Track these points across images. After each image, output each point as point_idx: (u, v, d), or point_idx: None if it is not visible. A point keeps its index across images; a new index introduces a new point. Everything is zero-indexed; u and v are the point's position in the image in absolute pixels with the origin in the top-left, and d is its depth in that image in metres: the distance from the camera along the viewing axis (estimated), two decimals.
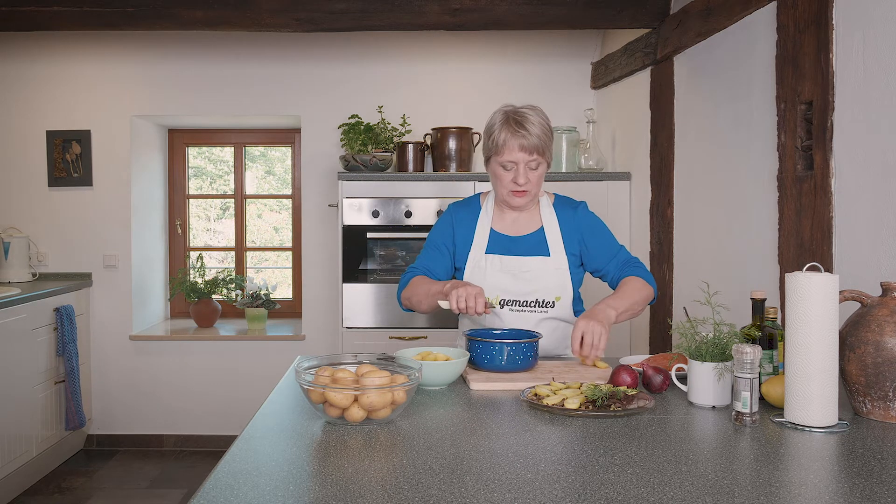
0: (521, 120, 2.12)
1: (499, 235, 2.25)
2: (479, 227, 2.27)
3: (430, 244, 2.31)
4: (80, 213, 4.40)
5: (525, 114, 2.13)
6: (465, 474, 1.23)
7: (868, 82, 2.03)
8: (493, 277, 2.20)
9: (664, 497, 1.13)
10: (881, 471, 1.24)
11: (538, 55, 4.35)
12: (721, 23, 2.78)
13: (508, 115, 2.14)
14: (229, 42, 4.34)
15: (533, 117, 2.13)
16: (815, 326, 1.46)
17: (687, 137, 3.16)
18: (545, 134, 2.13)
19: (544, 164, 2.17)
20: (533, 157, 2.12)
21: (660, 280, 3.41)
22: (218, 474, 1.23)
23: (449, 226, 2.30)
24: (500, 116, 2.15)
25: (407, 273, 2.28)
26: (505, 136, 2.12)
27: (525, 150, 2.10)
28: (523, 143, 2.10)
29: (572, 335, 1.94)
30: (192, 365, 4.41)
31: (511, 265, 2.20)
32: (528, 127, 2.10)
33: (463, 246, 2.28)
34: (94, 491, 3.75)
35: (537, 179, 2.17)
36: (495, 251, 2.23)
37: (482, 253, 2.24)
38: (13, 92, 4.37)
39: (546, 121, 2.16)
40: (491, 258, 2.22)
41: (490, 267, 2.21)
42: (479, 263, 2.23)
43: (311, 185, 4.38)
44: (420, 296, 2.16)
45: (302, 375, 1.54)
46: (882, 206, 1.98)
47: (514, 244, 2.23)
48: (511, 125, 2.11)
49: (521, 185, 2.14)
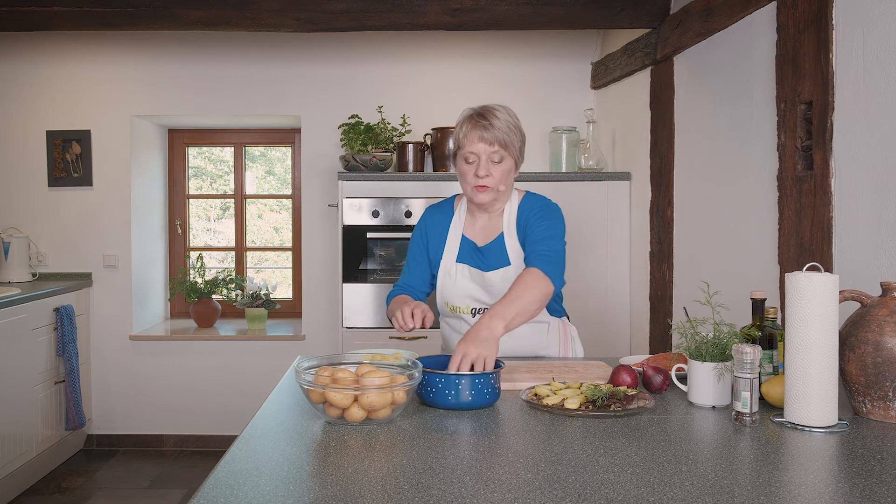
0: (484, 112, 2.09)
1: (468, 242, 2.22)
2: (451, 233, 2.24)
3: (408, 257, 2.30)
4: (80, 213, 4.40)
5: (490, 108, 2.11)
6: (465, 474, 1.23)
7: (868, 82, 2.03)
8: (464, 286, 2.18)
9: (664, 497, 1.13)
10: (881, 471, 1.24)
11: (538, 55, 4.35)
12: (721, 23, 2.78)
13: (474, 109, 2.12)
14: (229, 42, 4.34)
15: (498, 112, 2.09)
16: (815, 326, 1.46)
17: (687, 137, 3.16)
18: (510, 129, 2.09)
19: (510, 160, 2.11)
20: (495, 148, 2.07)
21: (660, 280, 3.41)
22: (218, 474, 1.23)
23: (423, 234, 2.28)
24: (466, 112, 2.13)
25: (391, 291, 2.27)
26: (466, 128, 2.09)
27: (485, 140, 2.06)
28: (483, 133, 2.06)
29: (451, 360, 1.74)
30: (192, 365, 4.41)
31: (477, 277, 2.17)
32: (491, 119, 2.07)
33: (436, 252, 2.25)
34: (94, 491, 3.75)
35: (501, 175, 2.10)
36: (464, 260, 2.20)
37: (453, 261, 2.21)
38: (13, 92, 4.37)
39: (514, 119, 2.12)
40: (460, 267, 2.19)
41: (460, 276, 2.19)
42: (450, 271, 2.20)
43: (311, 185, 4.38)
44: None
45: (302, 375, 1.54)
46: (882, 206, 1.98)
47: (480, 255, 2.20)
48: (473, 118, 2.09)
49: (482, 177, 2.08)
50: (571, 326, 2.37)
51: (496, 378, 1.67)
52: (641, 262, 3.64)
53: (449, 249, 2.22)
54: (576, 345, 2.35)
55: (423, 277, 2.26)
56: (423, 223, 2.29)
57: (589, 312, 3.75)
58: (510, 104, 2.25)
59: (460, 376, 1.63)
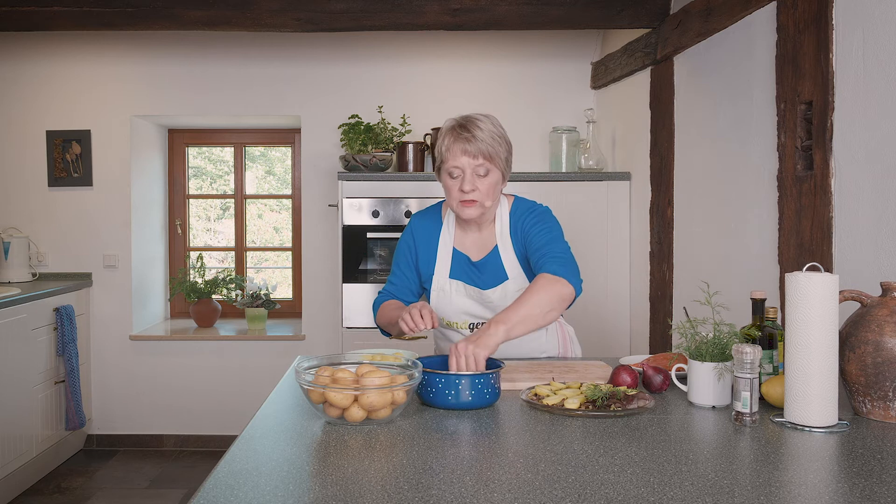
0: (467, 124, 2.00)
1: (461, 256, 2.15)
2: (441, 245, 2.16)
3: (395, 264, 2.21)
4: (80, 213, 4.40)
5: (473, 118, 2.01)
6: (465, 474, 1.23)
7: (868, 82, 2.03)
8: (460, 302, 2.12)
9: (664, 497, 1.13)
10: (881, 471, 1.24)
11: (538, 55, 4.35)
12: (721, 23, 2.78)
13: (456, 121, 2.03)
14: (229, 42, 4.34)
15: (481, 122, 2.00)
16: (815, 326, 1.46)
17: (687, 137, 3.16)
18: (495, 140, 2.00)
19: (496, 173, 2.02)
20: (479, 161, 1.98)
21: (660, 280, 3.41)
22: (218, 474, 1.23)
23: (410, 243, 2.20)
24: (448, 123, 2.05)
25: (378, 297, 2.20)
26: (448, 141, 2.01)
27: (469, 154, 1.97)
28: (466, 147, 1.97)
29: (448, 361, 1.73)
30: (192, 365, 4.41)
31: (475, 294, 2.11)
32: (474, 131, 1.98)
33: (426, 263, 2.17)
34: (94, 491, 3.75)
35: (487, 189, 2.01)
36: (458, 276, 2.13)
37: (446, 277, 2.14)
38: (13, 92, 4.37)
39: (498, 128, 2.03)
40: (455, 284, 2.12)
41: (455, 293, 2.12)
42: (444, 287, 2.13)
43: (311, 185, 4.38)
44: (386, 324, 2.11)
45: (302, 375, 1.54)
46: (882, 206, 1.98)
47: (475, 271, 2.13)
48: (455, 130, 2.01)
49: (467, 192, 1.99)
50: (569, 327, 2.36)
51: (496, 378, 1.67)
52: (641, 261, 3.64)
53: (441, 264, 2.15)
54: (574, 346, 2.34)
55: (411, 287, 2.19)
56: (409, 232, 2.21)
57: (589, 312, 3.75)
58: (510, 104, 2.23)
59: (460, 376, 1.63)
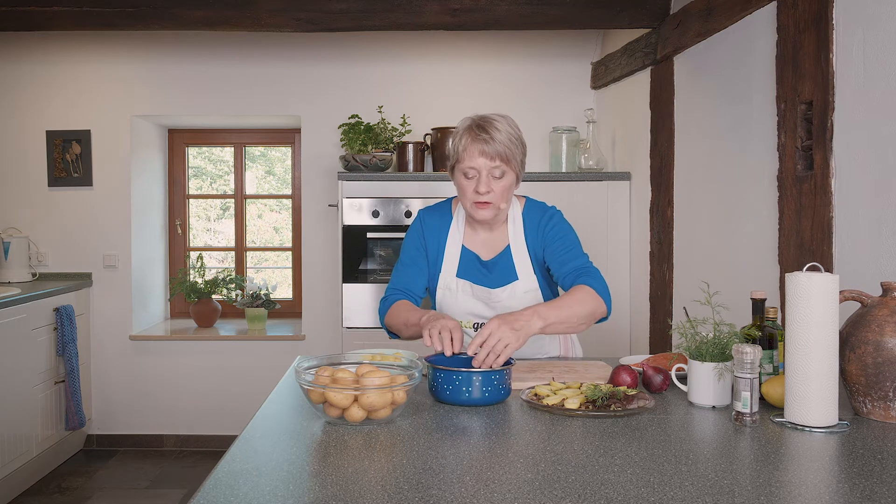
0: (485, 125, 1.98)
1: (470, 255, 2.13)
2: (450, 242, 2.14)
3: (404, 259, 2.16)
4: (80, 213, 4.40)
5: (490, 119, 2.00)
6: (465, 474, 1.23)
7: (868, 82, 2.03)
8: (465, 302, 2.10)
9: (664, 497, 1.13)
10: (881, 471, 1.24)
11: (538, 55, 4.35)
12: (721, 23, 2.78)
13: (473, 120, 2.01)
14: (229, 42, 4.34)
15: (499, 124, 1.99)
16: (815, 326, 1.46)
17: (687, 137, 3.16)
18: (512, 142, 1.99)
19: (511, 175, 2.01)
20: (496, 163, 1.97)
21: (660, 280, 3.41)
22: (218, 474, 1.23)
23: (419, 237, 2.17)
24: (465, 122, 2.03)
25: (386, 296, 2.14)
26: (466, 141, 1.99)
27: (486, 155, 1.96)
28: (484, 148, 1.96)
29: (478, 333, 1.71)
30: (192, 365, 4.41)
31: (481, 294, 2.09)
32: (491, 132, 1.97)
33: (434, 261, 2.15)
34: (94, 491, 3.75)
35: (502, 190, 2.00)
36: (466, 275, 2.11)
37: (453, 276, 2.11)
38: (13, 92, 4.37)
39: (515, 130, 2.02)
40: (462, 283, 2.10)
41: (461, 292, 2.10)
42: (451, 286, 2.11)
43: (311, 185, 4.38)
44: (399, 326, 2.03)
45: (302, 375, 1.54)
46: (882, 206, 1.98)
47: (485, 270, 2.11)
48: (473, 130, 1.99)
49: (483, 193, 1.98)
50: None
51: (509, 375, 1.70)
52: (641, 261, 3.64)
53: (448, 262, 2.13)
54: (575, 347, 2.34)
55: (421, 282, 2.15)
56: (418, 225, 2.18)
57: None
58: (510, 104, 2.24)
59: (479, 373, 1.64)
